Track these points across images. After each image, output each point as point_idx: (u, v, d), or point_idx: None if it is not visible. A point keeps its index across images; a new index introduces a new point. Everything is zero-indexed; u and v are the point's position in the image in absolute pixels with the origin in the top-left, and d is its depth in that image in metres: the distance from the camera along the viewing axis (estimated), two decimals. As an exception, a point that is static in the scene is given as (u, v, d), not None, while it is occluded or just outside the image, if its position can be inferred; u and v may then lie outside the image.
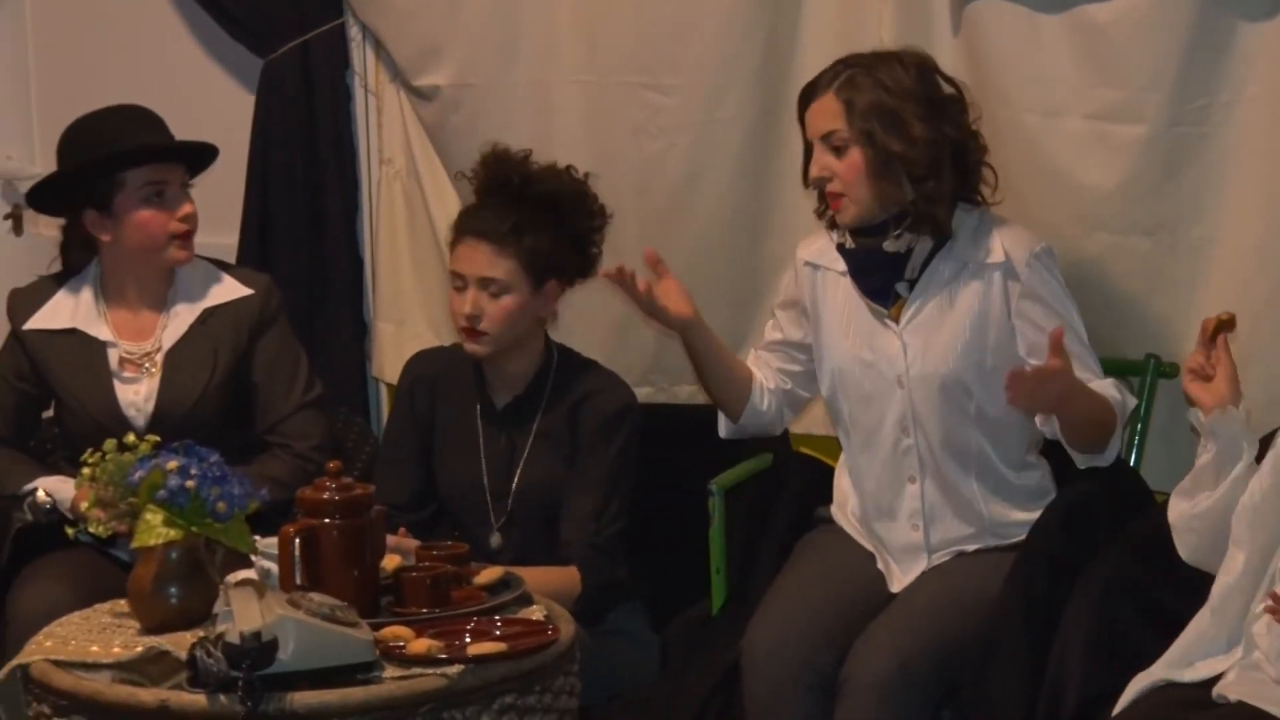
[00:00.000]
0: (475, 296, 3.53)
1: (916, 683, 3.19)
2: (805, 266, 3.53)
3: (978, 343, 3.38)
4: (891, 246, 3.39)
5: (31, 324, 3.73)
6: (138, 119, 3.69)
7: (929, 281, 3.41)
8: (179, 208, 3.66)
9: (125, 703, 2.75)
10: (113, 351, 3.70)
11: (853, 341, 3.46)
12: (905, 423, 3.43)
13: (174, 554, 2.97)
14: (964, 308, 3.39)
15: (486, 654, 2.83)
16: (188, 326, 3.70)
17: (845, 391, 3.48)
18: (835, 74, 3.38)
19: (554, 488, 3.58)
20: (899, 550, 3.44)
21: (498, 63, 4.12)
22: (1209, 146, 3.53)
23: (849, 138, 3.35)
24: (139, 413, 3.67)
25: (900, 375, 3.41)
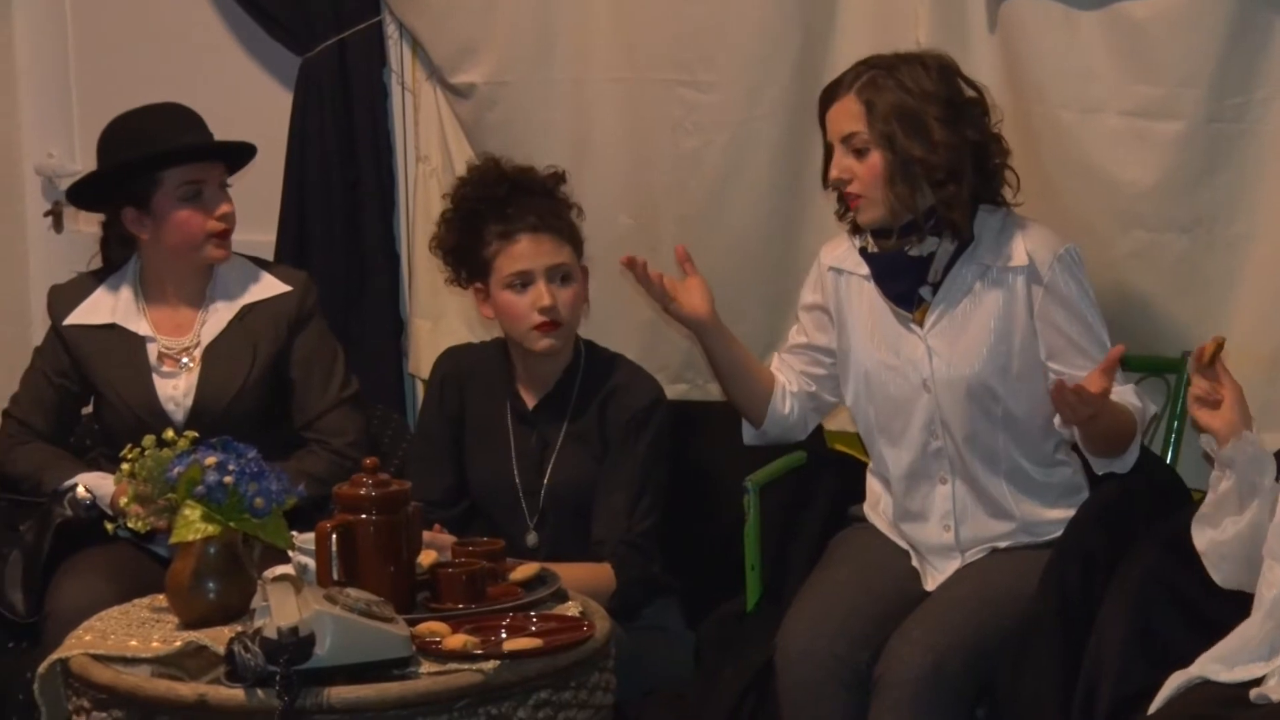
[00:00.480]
0: (550, 288, 3.53)
1: (951, 680, 3.19)
2: (829, 272, 3.53)
3: (1003, 346, 3.38)
4: (914, 250, 3.39)
5: (71, 319, 3.75)
6: (177, 118, 3.70)
7: (952, 285, 3.40)
8: (216, 207, 3.67)
9: (164, 697, 2.76)
10: (152, 346, 3.71)
11: (878, 346, 3.46)
12: (933, 426, 3.42)
13: (212, 549, 2.98)
14: (988, 311, 3.38)
15: (522, 650, 2.84)
16: (226, 323, 3.72)
17: (872, 396, 3.48)
18: (856, 75, 3.38)
19: (585, 485, 3.58)
20: (931, 551, 3.44)
21: (534, 60, 4.13)
22: (1246, 143, 3.52)
23: (870, 140, 3.34)
24: (178, 407, 3.68)
25: (926, 379, 3.41)
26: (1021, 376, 3.37)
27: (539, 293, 3.52)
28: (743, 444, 3.62)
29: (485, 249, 3.55)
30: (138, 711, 2.78)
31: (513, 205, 3.56)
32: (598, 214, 3.95)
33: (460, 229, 3.59)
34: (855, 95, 3.35)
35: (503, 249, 3.54)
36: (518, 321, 3.55)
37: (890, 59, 3.39)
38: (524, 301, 3.53)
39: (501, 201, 3.56)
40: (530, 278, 3.53)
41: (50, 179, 4.92)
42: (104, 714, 2.82)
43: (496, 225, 3.54)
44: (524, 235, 3.54)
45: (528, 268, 3.53)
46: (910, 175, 3.33)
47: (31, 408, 3.78)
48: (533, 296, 3.52)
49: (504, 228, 3.54)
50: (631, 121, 4.07)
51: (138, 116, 3.70)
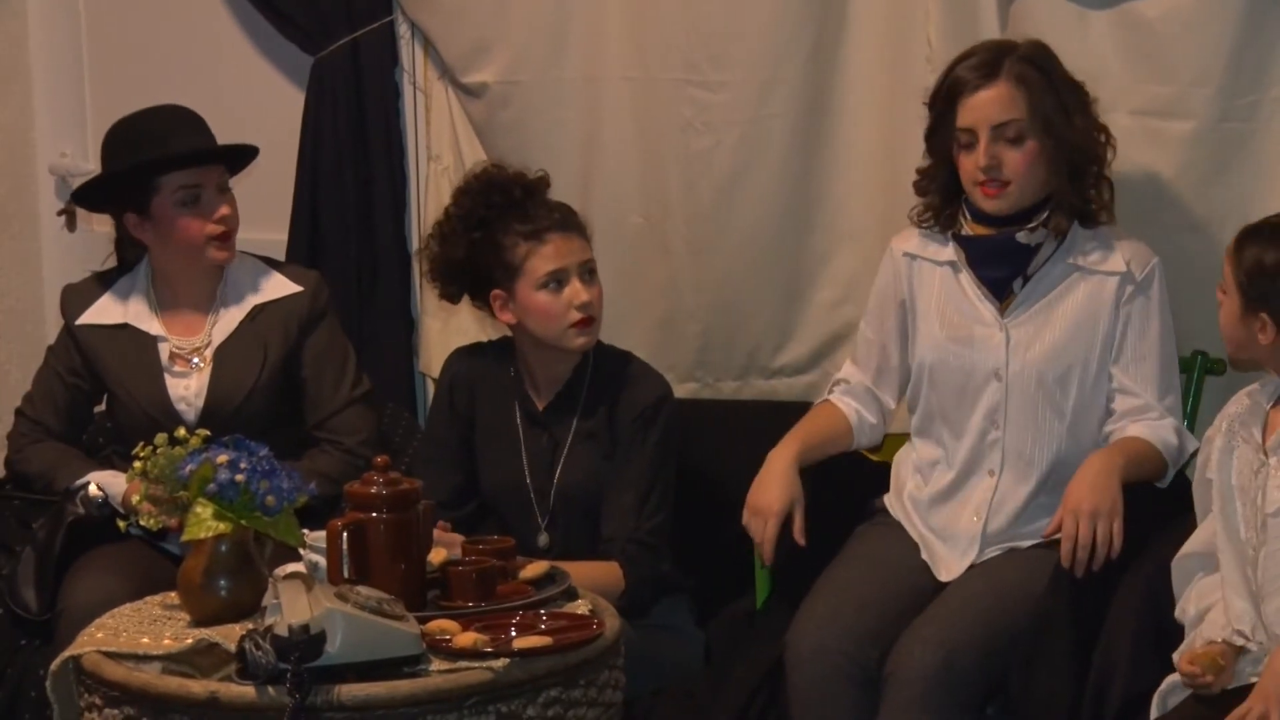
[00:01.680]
0: (584, 286, 3.52)
1: (962, 677, 3.19)
2: (903, 257, 3.52)
3: (1083, 344, 3.39)
4: (1026, 238, 3.39)
5: (84, 319, 3.75)
6: (176, 121, 3.69)
7: (1042, 279, 3.41)
8: (215, 210, 3.66)
9: (175, 694, 2.76)
10: (163, 346, 3.72)
11: (949, 332, 3.46)
12: (995, 415, 3.42)
13: (223, 547, 2.98)
14: (1073, 308, 3.39)
15: (532, 648, 2.83)
16: (237, 323, 3.72)
17: (935, 381, 3.48)
18: (999, 61, 3.34)
19: (595, 484, 3.58)
20: (954, 538, 3.44)
21: (546, 60, 4.12)
22: (1258, 142, 3.52)
23: (1028, 127, 3.33)
24: (189, 407, 3.69)
25: (999, 369, 3.41)
26: (1095, 377, 3.39)
27: (575, 290, 3.52)
28: (752, 442, 3.61)
29: (510, 253, 3.52)
30: (149, 708, 2.77)
31: (531, 207, 3.55)
32: (609, 213, 3.96)
33: (471, 241, 3.56)
34: (1011, 81, 3.33)
35: (534, 250, 3.52)
36: (554, 321, 3.53)
37: (1015, 45, 3.38)
38: (560, 301, 3.52)
39: (519, 204, 3.55)
40: (565, 276, 3.52)
41: (64, 178, 4.92)
42: (116, 711, 2.82)
43: (521, 226, 3.52)
44: (553, 234, 3.53)
45: (562, 265, 3.52)
46: (1059, 161, 3.34)
47: (44, 406, 3.79)
48: (569, 294, 3.52)
49: (530, 228, 3.52)
50: (642, 121, 4.07)
51: (136, 120, 3.70)
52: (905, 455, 3.56)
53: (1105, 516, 3.18)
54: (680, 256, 4.09)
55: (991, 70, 3.34)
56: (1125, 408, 3.39)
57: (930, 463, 3.51)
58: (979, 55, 3.38)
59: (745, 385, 4.10)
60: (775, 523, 3.38)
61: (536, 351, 3.61)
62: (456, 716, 2.75)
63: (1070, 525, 3.18)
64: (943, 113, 3.40)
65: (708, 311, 4.07)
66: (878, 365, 3.58)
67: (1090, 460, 3.28)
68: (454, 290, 3.64)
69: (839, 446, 3.59)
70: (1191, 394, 3.59)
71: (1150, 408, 3.37)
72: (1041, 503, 3.41)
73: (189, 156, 3.64)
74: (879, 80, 3.84)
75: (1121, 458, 3.27)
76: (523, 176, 3.60)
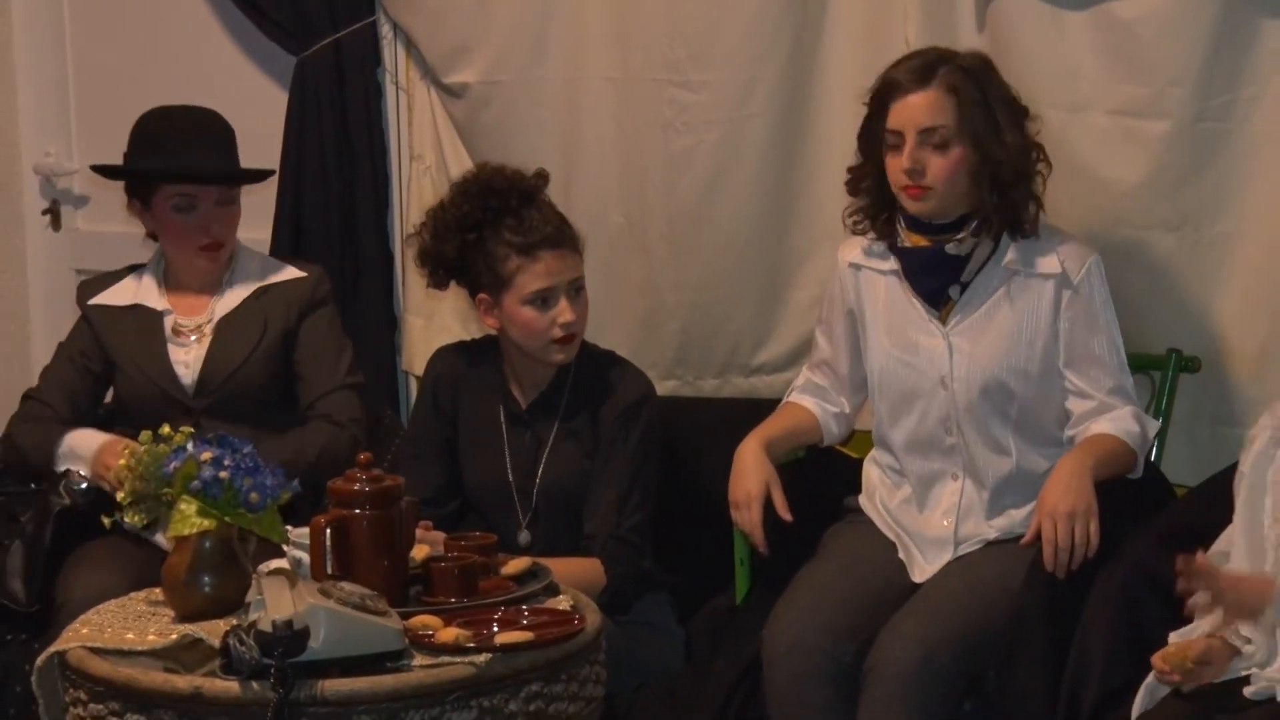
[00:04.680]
0: (570, 305, 3.51)
1: (940, 673, 3.19)
2: (849, 268, 3.53)
3: (1025, 349, 3.39)
4: (955, 249, 3.39)
5: (97, 300, 3.84)
6: (197, 132, 3.75)
7: (980, 286, 3.41)
8: (207, 223, 3.73)
9: (160, 689, 2.76)
10: (168, 319, 3.79)
11: (894, 341, 3.47)
12: (949, 423, 3.43)
13: (208, 544, 2.99)
14: (1013, 314, 3.39)
15: (514, 643, 2.84)
16: (241, 300, 3.80)
17: (885, 391, 3.49)
18: (933, 68, 3.34)
19: (578, 482, 3.58)
20: (927, 541, 3.45)
21: (527, 60, 4.13)
22: (1233, 142, 3.52)
23: (954, 135, 3.33)
24: (188, 370, 3.75)
25: (944, 376, 3.42)
26: (1039, 380, 3.39)
27: (562, 309, 3.51)
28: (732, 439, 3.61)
29: (501, 264, 3.50)
30: (134, 703, 2.77)
31: (525, 218, 3.52)
32: (590, 212, 3.96)
33: (463, 242, 3.55)
34: (943, 89, 3.33)
35: (524, 266, 3.50)
36: (536, 336, 3.53)
37: (954, 55, 3.38)
38: (545, 318, 3.51)
39: (512, 213, 3.52)
40: (553, 295, 3.51)
41: (48, 177, 4.92)
42: (101, 706, 2.82)
43: (514, 238, 3.50)
44: (546, 252, 3.50)
45: (551, 285, 3.51)
46: (984, 173, 3.34)
47: (51, 389, 3.83)
48: (555, 313, 3.51)
49: (523, 241, 3.50)
50: (623, 121, 4.07)
51: (163, 119, 3.77)
52: (873, 458, 3.58)
53: (1081, 518, 3.20)
54: (661, 255, 4.10)
55: (925, 76, 3.33)
56: (1083, 409, 3.39)
57: (893, 468, 3.52)
58: (916, 60, 3.37)
59: (725, 383, 4.11)
60: (757, 507, 3.40)
61: (519, 353, 3.61)
62: (439, 711, 2.75)
63: (1049, 529, 3.20)
64: (874, 113, 3.39)
65: (688, 310, 4.08)
66: (831, 371, 3.60)
67: (1062, 463, 3.29)
68: (441, 280, 3.64)
69: (808, 438, 3.60)
70: (1166, 390, 3.60)
71: (1108, 404, 3.37)
72: (1006, 502, 3.42)
73: (178, 175, 3.70)
74: (858, 81, 3.82)
75: (1091, 458, 3.29)
76: (521, 181, 3.58)
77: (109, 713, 2.80)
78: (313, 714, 2.71)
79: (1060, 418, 3.42)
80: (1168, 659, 2.90)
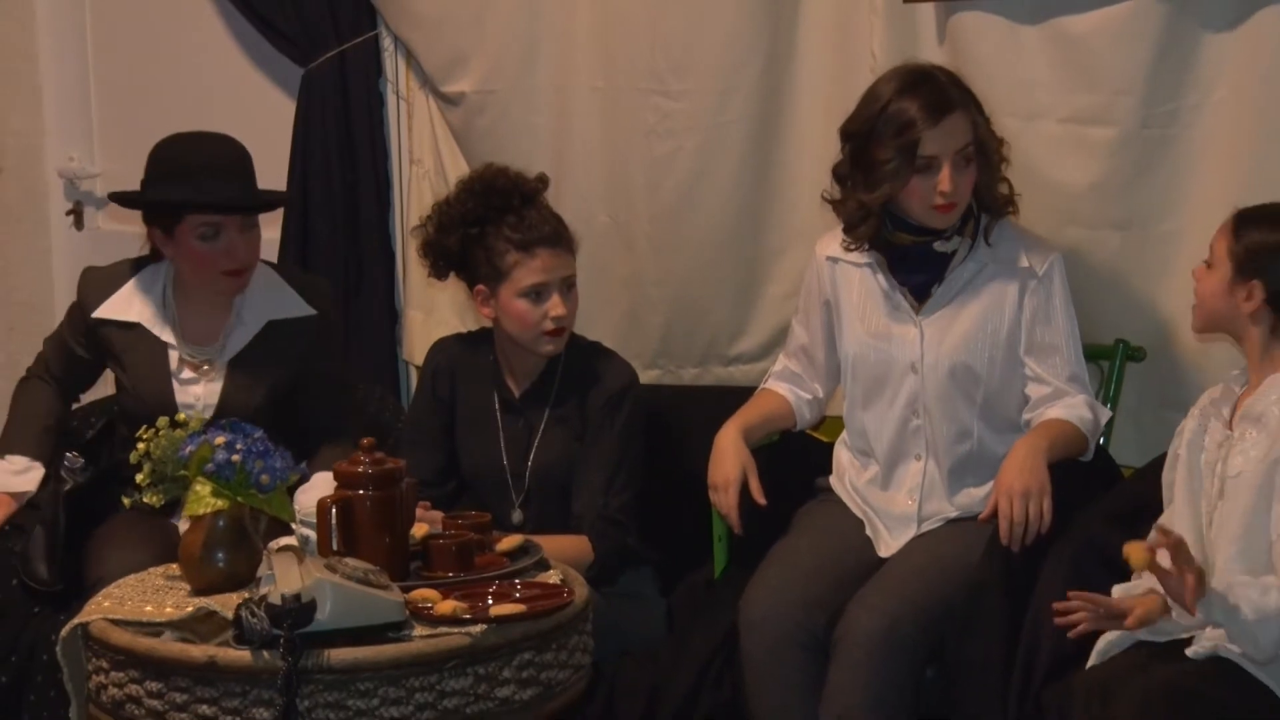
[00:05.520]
0: (562, 300, 3.51)
1: (905, 642, 3.20)
2: (826, 261, 3.53)
3: (991, 337, 3.40)
4: (942, 247, 3.40)
5: (100, 312, 3.70)
6: (216, 159, 3.60)
7: (954, 279, 3.42)
8: (234, 249, 3.59)
9: (176, 658, 2.76)
10: (173, 353, 3.67)
11: (869, 329, 3.47)
12: (915, 405, 3.44)
13: (221, 522, 2.99)
14: (982, 304, 3.40)
15: (507, 615, 2.84)
16: (251, 337, 3.66)
17: (858, 375, 3.49)
18: (946, 93, 3.31)
19: (567, 465, 3.58)
20: (892, 519, 3.45)
21: (519, 71, 4.13)
22: (1176, 147, 3.52)
23: (974, 149, 3.33)
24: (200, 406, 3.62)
25: (915, 361, 3.42)
26: (1002, 366, 3.40)
27: (554, 303, 3.51)
28: (711, 424, 3.62)
29: (501, 258, 3.51)
30: (152, 671, 2.78)
31: (525, 216, 3.52)
32: (578, 212, 3.95)
33: (465, 236, 3.54)
34: (961, 109, 3.31)
35: (521, 261, 3.50)
36: (529, 328, 3.53)
37: (940, 71, 3.37)
38: (538, 311, 3.51)
39: (514, 211, 3.52)
40: (546, 290, 3.51)
41: (71, 181, 4.92)
42: (121, 674, 2.82)
43: (514, 234, 3.50)
44: (543, 249, 3.50)
45: (546, 280, 3.51)
46: (984, 174, 3.36)
47: (53, 355, 3.80)
48: (547, 307, 3.51)
49: (522, 238, 3.50)
50: (609, 127, 4.07)
51: (181, 147, 3.61)
52: (843, 441, 3.58)
53: (1035, 496, 3.21)
54: (644, 253, 4.10)
55: (946, 102, 3.30)
56: (1040, 394, 3.40)
57: (862, 450, 3.53)
58: (924, 89, 3.30)
59: (704, 372, 4.11)
60: (734, 490, 3.40)
61: (512, 344, 3.61)
62: (437, 678, 2.76)
63: (1005, 506, 3.21)
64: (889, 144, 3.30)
65: (669, 304, 4.08)
66: (807, 358, 3.60)
67: (1018, 445, 3.30)
68: (442, 271, 3.64)
69: (782, 423, 3.61)
70: (1114, 378, 3.61)
71: (1063, 391, 3.38)
72: (968, 481, 3.43)
73: (206, 205, 3.56)
74: (827, 90, 3.85)
75: (1045, 440, 3.30)
76: (524, 183, 3.57)
77: (129, 680, 2.80)
78: (319, 681, 2.71)
79: (1021, 404, 3.43)
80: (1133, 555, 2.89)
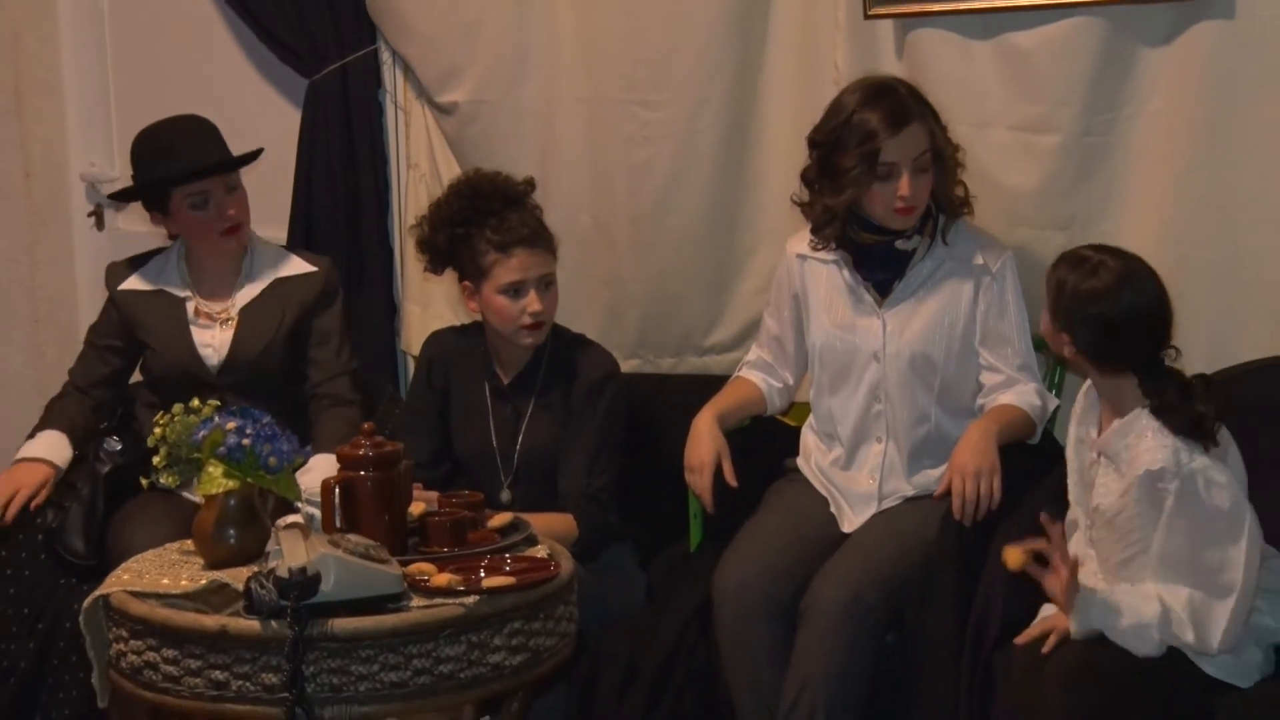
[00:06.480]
0: (539, 296, 3.51)
1: (867, 611, 3.21)
2: (796, 258, 3.53)
3: (948, 328, 3.40)
4: (903, 245, 3.40)
5: (124, 286, 3.79)
6: (187, 133, 3.70)
7: (914, 275, 3.42)
8: (223, 209, 3.68)
9: (191, 627, 2.77)
10: (190, 304, 3.75)
11: (835, 320, 3.47)
12: (877, 391, 3.44)
13: (232, 501, 2.99)
14: (941, 297, 3.41)
15: (498, 586, 2.85)
16: (260, 291, 3.75)
17: (825, 364, 3.49)
18: (905, 104, 3.30)
19: (553, 448, 3.58)
20: (855, 497, 3.46)
21: (508, 83, 4.12)
22: (1114, 153, 3.53)
23: (930, 158, 3.33)
24: (214, 353, 3.71)
25: (877, 351, 3.43)
26: (958, 355, 3.41)
27: (531, 300, 3.50)
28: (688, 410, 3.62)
29: (482, 257, 3.51)
30: (169, 640, 2.78)
31: (506, 219, 3.52)
32: (562, 214, 3.95)
33: (452, 235, 3.55)
34: (919, 119, 3.31)
35: (500, 260, 3.50)
36: (509, 322, 3.53)
37: (899, 83, 3.36)
38: (516, 307, 3.51)
39: (495, 214, 3.52)
40: (524, 287, 3.51)
41: (92, 184, 4.90)
42: (139, 642, 2.82)
43: (494, 236, 3.50)
44: (519, 249, 3.50)
45: (523, 278, 3.50)
46: (940, 177, 3.35)
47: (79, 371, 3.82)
48: (525, 303, 3.50)
49: (501, 239, 3.49)
50: (592, 135, 4.06)
51: (154, 133, 3.71)
52: (810, 424, 3.59)
53: (986, 475, 3.21)
54: (624, 251, 4.09)
55: (904, 114, 3.30)
56: (993, 382, 3.42)
57: (827, 433, 3.53)
58: (884, 101, 3.30)
59: (681, 362, 4.11)
60: (708, 472, 3.40)
61: (499, 336, 3.61)
62: (434, 645, 2.76)
63: (958, 484, 3.21)
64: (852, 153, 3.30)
65: (648, 298, 4.08)
66: (778, 348, 3.60)
67: (971, 428, 3.31)
68: (437, 266, 3.64)
69: (754, 409, 3.61)
70: (1058, 366, 3.60)
71: (1014, 379, 3.40)
72: (924, 463, 3.44)
73: (189, 173, 3.65)
74: (794, 100, 3.84)
75: (996, 424, 3.31)
76: (508, 187, 3.57)
77: (146, 648, 2.81)
78: (324, 648, 2.72)
79: (975, 390, 3.44)
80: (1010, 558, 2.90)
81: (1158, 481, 2.85)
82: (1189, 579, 2.83)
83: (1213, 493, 2.83)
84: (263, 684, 2.72)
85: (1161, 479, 2.84)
